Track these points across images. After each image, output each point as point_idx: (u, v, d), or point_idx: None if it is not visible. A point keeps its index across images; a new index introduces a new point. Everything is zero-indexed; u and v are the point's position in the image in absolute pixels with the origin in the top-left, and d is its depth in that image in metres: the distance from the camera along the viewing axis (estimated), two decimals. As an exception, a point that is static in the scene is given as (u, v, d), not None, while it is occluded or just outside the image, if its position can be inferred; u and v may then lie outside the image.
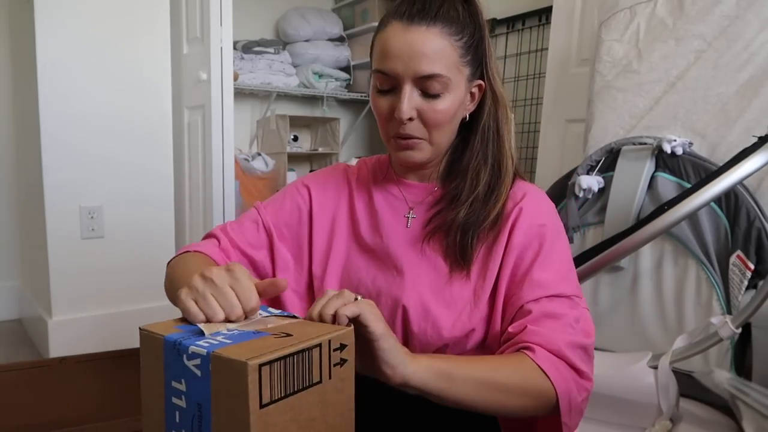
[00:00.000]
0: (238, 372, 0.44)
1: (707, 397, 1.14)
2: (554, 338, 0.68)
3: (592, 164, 1.49)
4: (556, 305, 0.72)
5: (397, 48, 0.71)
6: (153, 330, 0.52)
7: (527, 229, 0.75)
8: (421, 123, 0.74)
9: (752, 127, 1.31)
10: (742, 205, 1.24)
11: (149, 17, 2.07)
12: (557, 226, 0.78)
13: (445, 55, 0.71)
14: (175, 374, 0.50)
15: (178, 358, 0.49)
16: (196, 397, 0.49)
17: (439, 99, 0.73)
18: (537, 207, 0.78)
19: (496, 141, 0.78)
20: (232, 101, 2.15)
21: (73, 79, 1.93)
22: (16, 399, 1.17)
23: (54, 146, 1.91)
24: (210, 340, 0.50)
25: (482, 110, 0.79)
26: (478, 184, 0.77)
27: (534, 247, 0.74)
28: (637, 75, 1.54)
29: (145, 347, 0.53)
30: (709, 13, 1.42)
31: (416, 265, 0.79)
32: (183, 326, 0.54)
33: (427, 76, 0.71)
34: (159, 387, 0.52)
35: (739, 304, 1.23)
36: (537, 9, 2.47)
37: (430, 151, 0.77)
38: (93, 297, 2.02)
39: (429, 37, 0.70)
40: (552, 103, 2.16)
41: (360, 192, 0.87)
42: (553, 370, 0.66)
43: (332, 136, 3.30)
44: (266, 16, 3.27)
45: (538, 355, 0.66)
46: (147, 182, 2.12)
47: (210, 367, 0.47)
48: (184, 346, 0.49)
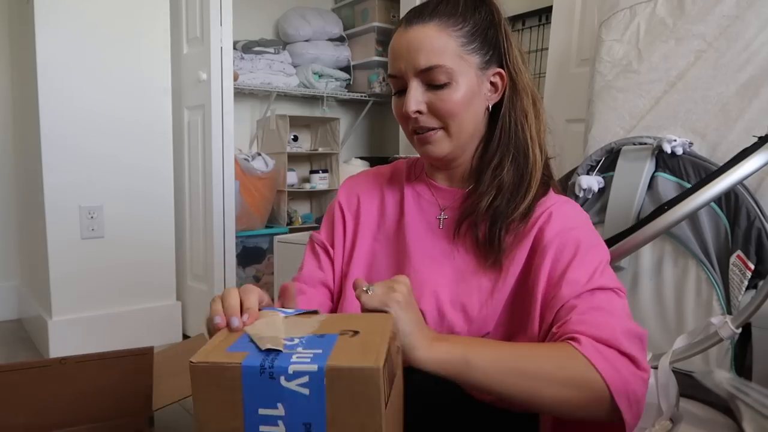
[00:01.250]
0: (366, 378, 0.43)
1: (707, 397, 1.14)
2: (604, 326, 0.64)
3: (592, 164, 1.49)
4: (601, 297, 0.68)
5: (398, 49, 0.75)
6: (215, 360, 0.47)
7: (559, 233, 0.73)
8: (433, 114, 0.76)
9: (752, 127, 1.31)
10: (742, 205, 1.24)
11: (149, 17, 2.07)
12: (592, 232, 0.76)
13: (444, 45, 0.73)
14: (266, 401, 0.46)
15: (269, 383, 0.46)
16: (301, 418, 0.45)
17: (445, 89, 0.74)
18: (567, 212, 0.76)
19: (518, 132, 0.77)
20: (232, 101, 2.15)
21: (73, 79, 1.93)
22: (16, 399, 1.17)
23: (54, 146, 1.91)
24: (298, 355, 0.47)
25: (503, 101, 0.78)
26: (501, 173, 0.76)
27: (570, 250, 0.72)
28: (637, 75, 1.54)
29: (206, 380, 0.47)
30: (710, 13, 1.42)
31: (439, 268, 0.79)
32: (235, 346, 0.50)
33: (428, 68, 0.73)
34: (233, 420, 0.47)
35: (739, 304, 1.23)
36: (537, 9, 2.47)
37: (448, 143, 0.77)
38: (93, 297, 2.02)
39: (425, 32, 0.73)
40: (552, 103, 2.15)
41: (392, 191, 0.88)
42: (600, 359, 0.61)
43: (332, 136, 3.30)
44: (266, 16, 3.27)
45: (583, 344, 0.62)
46: (147, 182, 2.12)
47: (324, 382, 0.44)
48: (280, 367, 0.45)
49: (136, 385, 1.27)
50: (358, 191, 0.90)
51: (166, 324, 2.20)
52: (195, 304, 2.27)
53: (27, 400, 1.18)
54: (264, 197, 2.87)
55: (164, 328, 2.18)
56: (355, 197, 0.90)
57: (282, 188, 3.03)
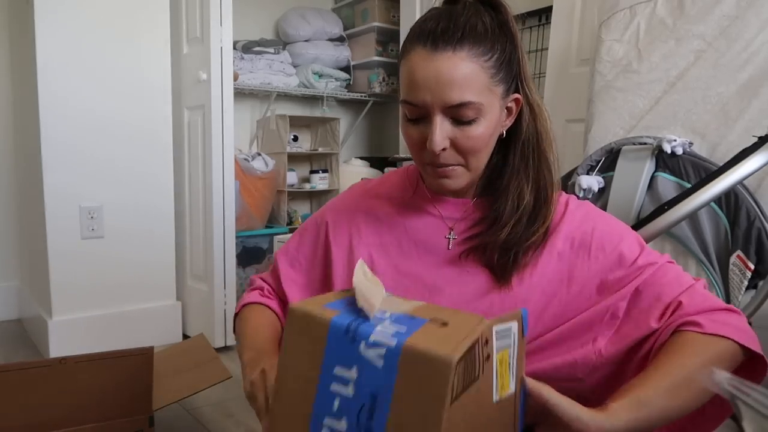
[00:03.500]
0: (438, 367, 0.42)
1: (707, 397, 1.14)
2: (700, 299, 0.67)
3: (592, 164, 1.49)
4: (673, 270, 0.71)
5: (423, 78, 0.67)
6: (311, 311, 0.50)
7: (579, 225, 0.75)
8: (455, 151, 0.71)
9: (752, 127, 1.31)
10: (742, 205, 1.24)
11: (149, 17, 2.07)
12: (599, 212, 0.79)
13: (475, 79, 0.67)
14: (344, 360, 0.47)
15: (350, 345, 0.47)
16: (370, 388, 0.46)
17: (472, 125, 0.69)
18: (577, 211, 0.77)
19: (537, 156, 0.75)
20: (232, 101, 2.15)
21: (73, 79, 1.93)
22: (16, 399, 1.17)
23: (54, 146, 1.91)
24: (383, 326, 0.48)
25: (520, 125, 0.75)
26: (521, 204, 0.73)
27: (609, 240, 0.73)
28: (637, 75, 1.54)
29: (298, 327, 0.50)
30: (709, 13, 1.42)
31: (454, 285, 0.76)
32: (333, 305, 0.52)
33: (458, 105, 0.67)
34: (311, 371, 0.49)
35: (739, 304, 1.23)
36: (537, 9, 2.47)
37: (468, 177, 0.74)
38: (93, 297, 2.02)
39: (456, 62, 0.66)
40: (552, 103, 2.15)
41: (386, 208, 0.83)
42: (724, 327, 0.64)
43: (332, 136, 3.30)
44: (266, 16, 3.27)
45: (704, 326, 0.64)
46: (147, 182, 2.12)
47: (398, 359, 0.44)
48: (364, 333, 0.46)
49: (136, 385, 1.27)
50: (339, 217, 0.85)
51: (166, 324, 2.20)
52: (195, 304, 2.27)
53: (27, 400, 1.18)
54: (264, 197, 2.87)
55: (164, 328, 2.18)
56: (340, 223, 0.85)
57: (282, 188, 3.03)
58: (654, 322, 0.67)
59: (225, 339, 2.17)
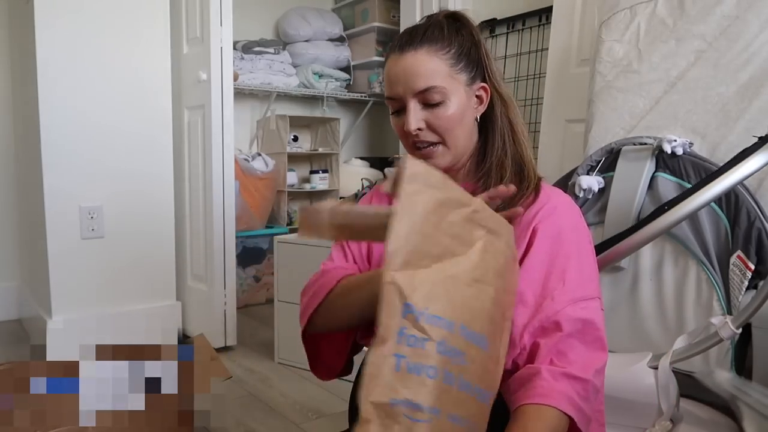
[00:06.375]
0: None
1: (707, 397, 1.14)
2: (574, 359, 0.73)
3: (592, 164, 1.49)
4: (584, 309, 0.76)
5: (394, 75, 0.84)
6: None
7: (549, 234, 0.80)
8: (431, 131, 0.84)
9: (752, 127, 1.31)
10: (742, 205, 1.24)
11: (149, 17, 2.07)
12: (578, 225, 0.85)
13: (436, 68, 0.82)
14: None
15: None
16: None
17: (441, 106, 0.83)
18: (557, 211, 0.83)
19: (512, 137, 0.88)
20: (232, 101, 2.15)
21: (73, 79, 1.93)
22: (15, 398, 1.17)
23: (54, 146, 1.91)
24: None
25: (494, 112, 0.88)
26: (504, 175, 0.85)
27: (564, 253, 0.79)
28: (638, 75, 1.54)
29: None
30: (710, 13, 1.42)
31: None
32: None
33: (424, 90, 0.82)
34: None
35: (739, 304, 1.23)
36: (537, 9, 2.47)
37: (449, 155, 0.86)
38: (93, 297, 2.02)
39: (418, 57, 0.82)
40: (552, 104, 2.15)
41: (386, 201, 0.93)
42: (566, 403, 0.69)
43: (332, 136, 3.31)
44: (266, 16, 3.28)
45: (554, 398, 0.68)
46: (147, 182, 2.12)
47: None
48: None
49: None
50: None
51: (166, 324, 2.20)
52: (195, 304, 2.27)
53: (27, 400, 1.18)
54: (264, 197, 2.87)
55: (164, 328, 2.18)
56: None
57: (282, 188, 3.03)
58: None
59: (225, 339, 2.18)
